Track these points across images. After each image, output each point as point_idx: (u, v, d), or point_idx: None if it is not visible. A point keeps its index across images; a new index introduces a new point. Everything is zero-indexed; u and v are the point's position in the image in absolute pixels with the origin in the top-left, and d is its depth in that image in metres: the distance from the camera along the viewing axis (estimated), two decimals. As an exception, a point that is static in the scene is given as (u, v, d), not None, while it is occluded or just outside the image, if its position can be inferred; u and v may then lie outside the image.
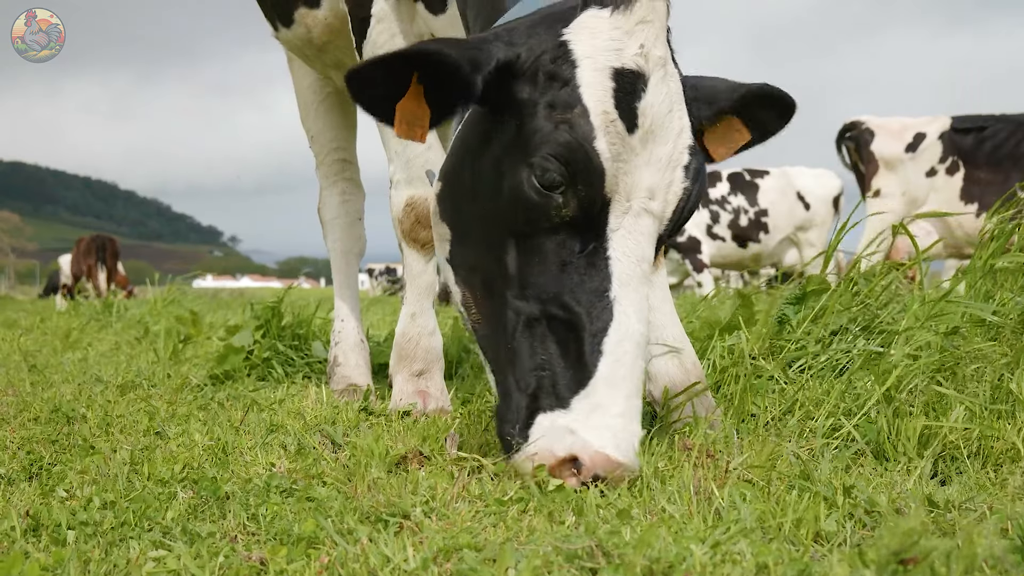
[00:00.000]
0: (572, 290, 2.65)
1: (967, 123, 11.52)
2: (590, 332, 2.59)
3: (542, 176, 2.61)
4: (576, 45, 2.65)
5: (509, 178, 2.70)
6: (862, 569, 1.78)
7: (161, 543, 2.15)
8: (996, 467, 2.85)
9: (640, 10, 2.63)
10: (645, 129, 2.64)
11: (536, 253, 2.71)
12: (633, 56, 2.63)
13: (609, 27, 2.64)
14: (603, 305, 2.61)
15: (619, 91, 2.62)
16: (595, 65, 2.62)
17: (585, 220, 2.65)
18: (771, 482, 2.54)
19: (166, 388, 4.62)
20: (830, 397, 3.29)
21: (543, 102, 2.65)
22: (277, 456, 2.99)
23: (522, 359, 2.69)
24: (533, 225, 2.69)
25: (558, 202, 2.62)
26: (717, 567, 1.87)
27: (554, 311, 2.66)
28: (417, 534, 2.16)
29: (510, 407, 2.69)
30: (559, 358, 2.63)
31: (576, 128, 2.59)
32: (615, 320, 2.59)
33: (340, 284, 5.10)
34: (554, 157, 2.59)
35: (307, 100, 5.31)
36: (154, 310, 9.81)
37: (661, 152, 2.68)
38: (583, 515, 2.28)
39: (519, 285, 2.73)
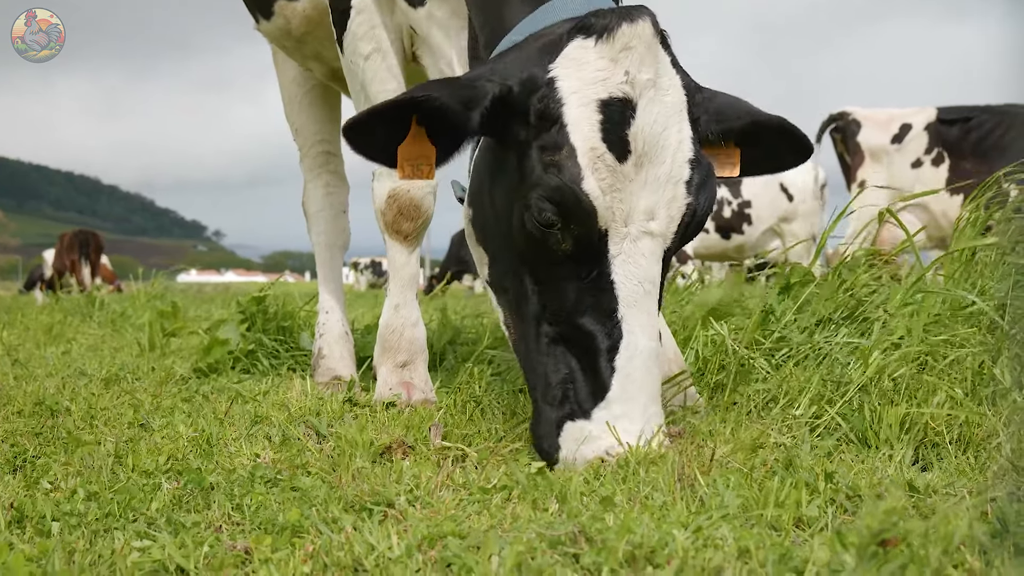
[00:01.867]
0: (583, 312, 2.76)
1: (952, 114, 11.53)
2: (603, 351, 2.72)
3: (538, 216, 2.71)
4: (563, 81, 2.71)
5: (515, 212, 2.81)
6: (842, 552, 1.80)
7: (146, 533, 2.15)
8: (977, 453, 2.87)
9: (623, 37, 2.68)
10: (638, 154, 2.69)
11: (549, 279, 2.82)
12: (619, 84, 2.68)
13: (595, 57, 2.69)
14: (612, 325, 2.72)
15: (606, 122, 2.67)
16: (581, 100, 2.68)
17: (585, 251, 2.74)
18: (754, 469, 2.55)
19: (150, 381, 4.62)
20: (813, 385, 3.30)
21: (535, 142, 2.73)
22: (262, 447, 3.00)
23: (548, 375, 2.82)
24: (542, 257, 2.80)
25: (556, 238, 2.73)
26: (699, 552, 1.88)
27: (570, 332, 2.79)
28: (401, 522, 2.17)
29: (541, 419, 2.84)
30: (579, 374, 2.77)
31: (564, 171, 2.66)
32: (624, 339, 2.71)
33: (324, 277, 5.10)
34: (547, 199, 2.69)
35: (291, 93, 5.30)
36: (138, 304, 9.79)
37: (658, 172, 2.73)
38: (566, 502, 2.30)
39: (540, 307, 2.86)
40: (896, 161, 11.59)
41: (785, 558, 1.84)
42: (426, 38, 3.74)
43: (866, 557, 1.73)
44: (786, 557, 1.84)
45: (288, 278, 51.60)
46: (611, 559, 1.84)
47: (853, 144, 11.97)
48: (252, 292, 5.53)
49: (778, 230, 16.96)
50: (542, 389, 2.84)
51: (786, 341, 3.78)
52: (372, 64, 3.83)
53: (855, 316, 3.89)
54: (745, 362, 3.64)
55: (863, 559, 1.73)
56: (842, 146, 12.17)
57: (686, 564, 1.82)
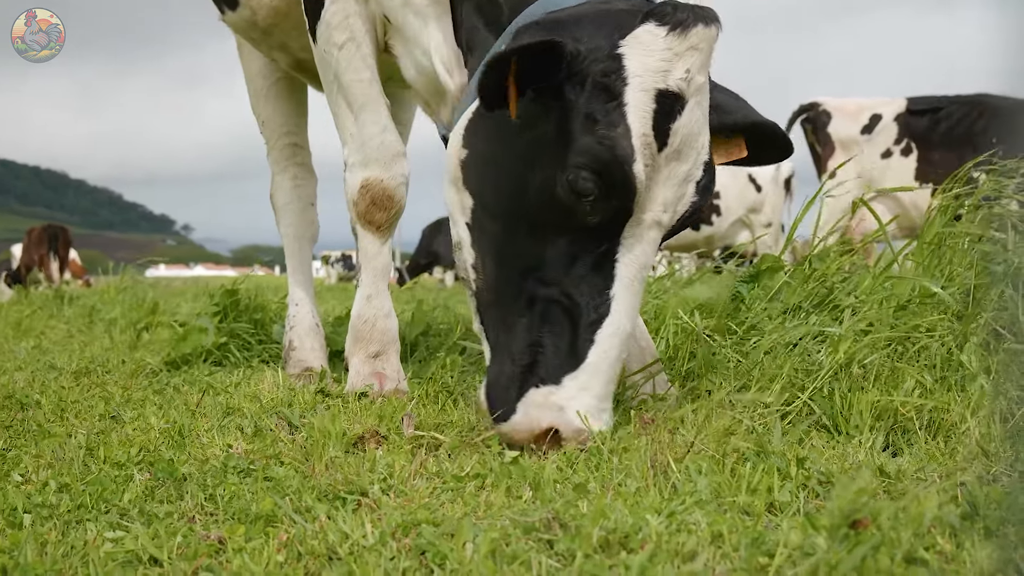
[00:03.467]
0: (578, 283, 2.84)
1: (922, 104, 11.58)
2: (586, 322, 2.81)
3: (576, 183, 2.74)
4: (629, 61, 2.73)
5: (541, 172, 2.83)
6: (814, 535, 1.81)
7: (118, 524, 2.15)
8: (947, 438, 2.89)
9: (694, 36, 2.74)
10: (673, 148, 2.79)
11: (553, 243, 2.86)
12: (678, 80, 2.74)
13: (662, 47, 2.73)
14: (602, 301, 2.81)
15: (658, 112, 2.74)
16: (643, 85, 2.72)
17: (605, 227, 2.82)
18: (726, 455, 2.56)
19: (121, 374, 4.60)
20: (784, 372, 3.32)
21: (588, 110, 2.75)
22: (234, 438, 2.99)
23: (522, 333, 2.88)
24: (556, 220, 2.84)
25: (586, 209, 2.77)
26: (673, 536, 1.90)
27: (558, 297, 2.85)
28: (375, 511, 2.18)
29: (503, 374, 2.89)
30: (557, 339, 2.83)
31: (618, 148, 2.70)
32: (610, 316, 2.80)
33: (294, 269, 5.08)
34: (592, 170, 2.72)
35: (257, 86, 5.26)
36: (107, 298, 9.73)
37: (680, 169, 2.84)
38: (540, 489, 2.31)
39: (532, 267, 2.89)
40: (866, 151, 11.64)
41: (757, 542, 1.85)
42: (401, 27, 3.71)
43: (837, 539, 1.75)
44: (758, 541, 1.86)
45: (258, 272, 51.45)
46: (585, 544, 1.84)
47: (823, 135, 12.01)
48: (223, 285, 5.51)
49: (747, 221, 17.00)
50: (513, 344, 2.89)
51: (757, 329, 3.80)
52: (346, 53, 3.81)
53: (825, 304, 3.91)
54: (716, 350, 3.65)
55: (834, 541, 1.75)
56: (812, 137, 12.20)
57: (660, 548, 1.83)
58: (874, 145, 11.62)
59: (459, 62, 3.57)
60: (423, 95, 3.85)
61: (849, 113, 11.95)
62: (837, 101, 12.18)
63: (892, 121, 11.61)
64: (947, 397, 3.10)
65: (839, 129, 11.91)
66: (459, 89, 3.57)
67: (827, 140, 11.98)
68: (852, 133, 11.78)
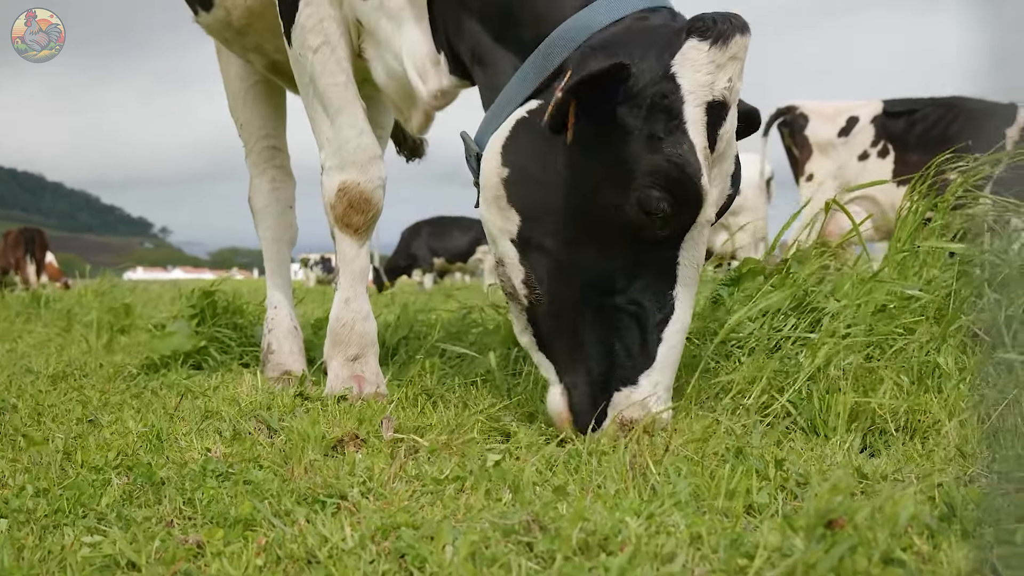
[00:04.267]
0: (644, 290, 2.96)
1: (898, 106, 11.64)
2: (654, 323, 2.95)
3: (648, 203, 2.84)
4: (683, 80, 2.83)
5: (603, 191, 2.91)
6: (792, 536, 1.82)
7: (96, 529, 2.14)
8: (924, 439, 2.90)
9: (734, 47, 2.84)
10: (719, 152, 2.91)
11: (618, 256, 2.96)
12: (723, 89, 2.85)
13: (707, 60, 2.82)
14: (666, 301, 2.96)
15: (710, 122, 2.85)
16: (696, 100, 2.82)
17: (673, 237, 2.95)
18: (705, 457, 2.57)
19: (98, 377, 4.58)
20: (763, 375, 3.33)
21: (651, 130, 2.83)
22: (213, 441, 2.98)
23: (595, 342, 2.99)
24: (622, 235, 2.93)
25: (656, 224, 2.88)
26: (652, 538, 1.90)
27: (626, 305, 2.96)
28: (355, 514, 2.18)
29: (582, 383, 3.01)
30: (630, 343, 2.96)
31: (688, 166, 2.80)
32: (675, 314, 2.96)
33: (272, 272, 5.06)
34: (663, 188, 2.82)
35: (235, 88, 5.24)
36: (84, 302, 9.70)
37: (724, 168, 2.98)
38: (519, 492, 2.31)
39: (597, 279, 2.99)
40: (843, 154, 11.70)
41: (736, 543, 1.86)
42: (373, 31, 3.71)
43: (814, 539, 1.75)
44: (737, 542, 1.86)
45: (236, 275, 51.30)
46: (565, 546, 1.85)
47: (801, 138, 12.06)
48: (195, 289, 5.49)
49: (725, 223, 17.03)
50: (584, 355, 3.00)
51: (736, 331, 3.81)
52: (321, 57, 3.80)
53: (804, 306, 3.92)
54: (696, 352, 3.66)
55: (812, 541, 1.75)
56: (790, 140, 12.25)
57: (639, 550, 1.84)
58: (851, 147, 11.68)
59: (435, 66, 3.57)
60: (394, 99, 3.86)
61: (826, 116, 12.01)
62: (814, 104, 12.24)
63: (869, 123, 11.67)
64: (924, 399, 3.11)
65: (816, 132, 11.96)
66: (432, 95, 3.58)
67: (804, 143, 12.03)
68: (829, 136, 11.84)
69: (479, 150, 3.29)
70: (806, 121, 12.05)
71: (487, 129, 3.25)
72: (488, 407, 3.36)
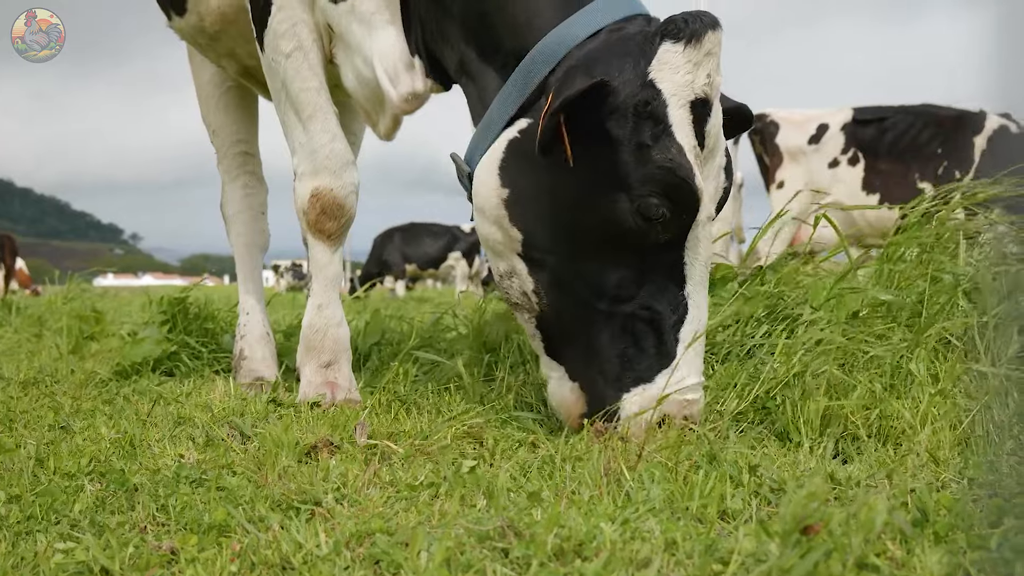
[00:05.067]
0: (655, 294, 3.03)
1: (868, 114, 11.69)
2: (669, 324, 3.02)
3: (647, 210, 2.90)
4: (662, 84, 2.89)
5: (603, 202, 2.96)
6: (767, 542, 1.83)
7: (69, 535, 2.13)
8: (896, 445, 2.92)
9: (708, 43, 2.92)
10: (709, 148, 2.98)
11: (623, 263, 3.03)
12: (703, 86, 2.92)
13: (683, 61, 2.90)
14: (679, 302, 3.03)
15: (695, 121, 2.92)
16: (679, 102, 2.89)
17: (677, 238, 3.00)
18: (679, 463, 2.58)
19: (70, 384, 4.56)
20: (736, 381, 3.34)
21: (639, 139, 2.89)
22: (186, 448, 2.97)
23: (610, 349, 3.05)
24: (626, 243, 2.99)
25: (657, 229, 2.94)
26: (627, 544, 1.90)
27: (638, 311, 3.03)
28: (329, 520, 2.17)
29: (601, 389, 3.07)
30: (645, 345, 3.03)
31: (680, 169, 2.87)
32: (689, 314, 3.03)
33: (244, 278, 5.04)
34: (659, 194, 2.89)
35: (208, 93, 5.23)
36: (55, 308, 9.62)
37: (716, 163, 3.05)
38: (494, 498, 2.31)
39: (605, 288, 3.05)
40: (813, 161, 11.74)
41: (711, 549, 1.87)
42: (344, 35, 3.70)
43: (789, 544, 1.76)
44: (712, 548, 1.87)
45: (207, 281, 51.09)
46: (540, 552, 1.85)
47: (772, 145, 12.09)
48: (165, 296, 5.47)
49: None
50: (600, 364, 3.06)
51: (709, 337, 3.82)
52: (294, 62, 3.79)
53: (778, 313, 3.94)
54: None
55: (786, 547, 1.76)
56: (760, 147, 12.29)
57: (614, 556, 1.84)
58: (821, 155, 11.73)
59: (408, 69, 3.58)
60: (362, 103, 3.86)
61: (796, 123, 12.05)
62: (784, 112, 12.28)
63: (839, 131, 11.72)
64: (896, 405, 3.13)
65: (787, 139, 12.00)
66: (403, 98, 3.59)
67: (775, 150, 12.07)
68: (800, 143, 11.88)
69: (470, 169, 3.32)
70: (776, 129, 12.09)
71: (477, 148, 3.29)
72: (462, 413, 3.36)
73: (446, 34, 3.46)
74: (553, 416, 3.30)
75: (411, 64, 3.59)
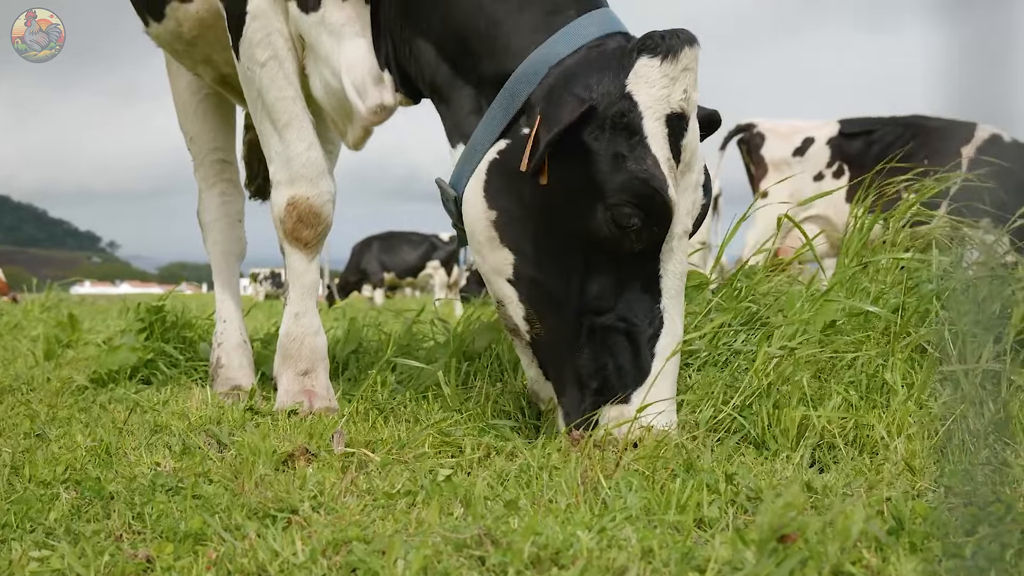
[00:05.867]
0: (631, 306, 3.05)
1: (855, 127, 11.63)
2: (645, 338, 3.03)
3: (620, 219, 2.94)
4: (638, 96, 2.93)
5: (581, 215, 3.01)
6: (743, 550, 1.83)
7: (44, 543, 2.13)
8: (872, 454, 2.93)
9: (684, 59, 2.96)
10: (685, 162, 3.03)
11: (602, 276, 3.06)
12: (679, 101, 2.96)
13: (660, 75, 2.94)
14: (655, 315, 3.05)
15: (671, 134, 2.96)
16: (655, 115, 2.93)
17: (651, 249, 3.03)
18: (656, 472, 2.58)
19: (46, 391, 4.53)
20: (713, 390, 3.34)
21: (615, 150, 2.93)
22: (162, 456, 2.96)
23: (589, 364, 3.07)
24: (602, 255, 3.03)
25: (631, 239, 2.97)
26: (604, 552, 1.91)
27: (615, 323, 3.05)
28: (306, 528, 2.17)
29: (580, 403, 3.09)
30: (620, 361, 3.05)
31: (654, 179, 2.90)
32: (664, 327, 3.04)
33: (221, 286, 5.03)
34: (634, 204, 2.92)
35: (185, 101, 5.21)
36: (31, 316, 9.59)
37: (692, 178, 3.09)
38: (471, 506, 2.31)
39: (586, 303, 3.07)
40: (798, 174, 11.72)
41: (687, 557, 1.87)
42: (313, 45, 3.71)
43: (766, 553, 1.77)
44: (688, 556, 1.88)
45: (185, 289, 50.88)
46: (517, 560, 1.85)
47: (757, 156, 12.05)
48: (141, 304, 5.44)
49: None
50: (579, 377, 3.08)
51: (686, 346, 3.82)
52: (269, 71, 3.79)
53: (754, 321, 3.95)
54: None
55: (763, 555, 1.77)
56: (747, 157, 12.26)
57: (591, 564, 1.84)
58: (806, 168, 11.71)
59: (377, 82, 3.59)
60: (330, 113, 3.88)
61: (782, 135, 12.03)
62: (771, 123, 12.25)
63: (824, 144, 11.69)
64: (872, 414, 3.14)
65: (772, 151, 11.98)
66: (371, 110, 3.59)
67: (760, 161, 12.05)
68: (785, 155, 11.86)
69: (456, 194, 3.33)
70: (762, 140, 12.06)
71: (462, 173, 3.30)
72: (439, 421, 3.35)
73: (418, 53, 3.47)
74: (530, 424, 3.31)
75: (380, 77, 3.60)
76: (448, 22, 3.35)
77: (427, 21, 3.42)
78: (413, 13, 3.46)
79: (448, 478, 2.56)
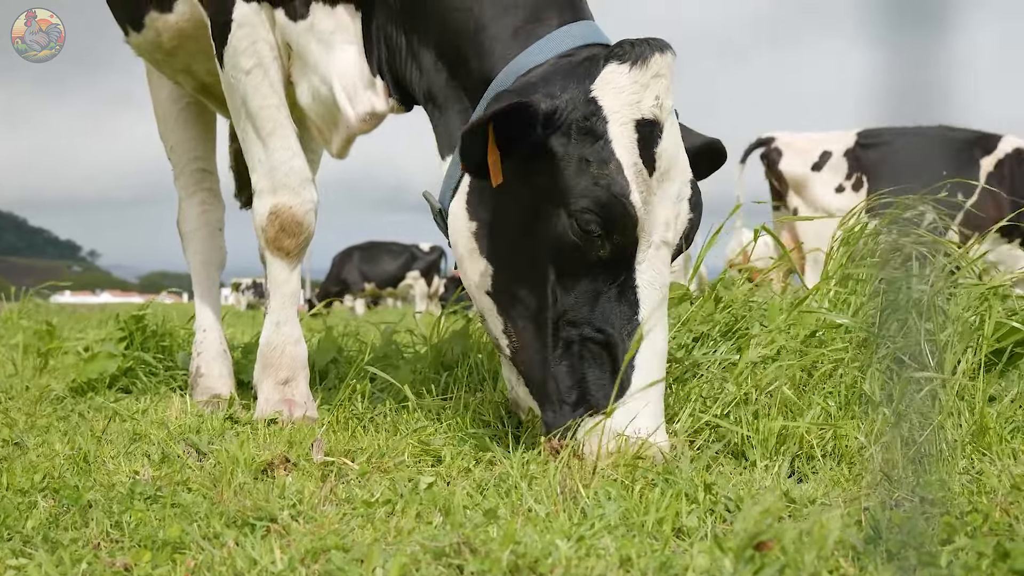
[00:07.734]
0: (606, 317, 3.00)
1: (872, 138, 11.59)
2: (623, 350, 2.97)
3: (583, 225, 2.92)
4: (604, 101, 2.94)
5: (548, 222, 3.01)
6: (721, 558, 1.84)
7: (22, 552, 2.12)
8: (850, 464, 2.94)
9: (655, 65, 2.96)
10: (661, 171, 2.98)
11: (574, 285, 3.02)
12: (651, 107, 2.95)
13: (629, 81, 2.95)
14: (633, 327, 2.98)
15: (641, 140, 2.94)
16: (621, 120, 2.93)
17: (619, 258, 2.98)
18: (635, 481, 2.59)
19: (24, 400, 4.51)
20: (692, 400, 3.35)
21: (578, 155, 2.93)
22: (141, 464, 2.95)
23: (566, 376, 3.04)
24: (571, 263, 3.00)
25: (596, 245, 2.94)
26: (582, 560, 1.91)
27: (592, 334, 3.01)
28: (284, 537, 2.17)
29: (557, 415, 3.05)
30: (600, 373, 3.01)
31: (615, 184, 2.89)
32: (645, 339, 2.96)
33: (201, 295, 5.01)
34: (594, 210, 2.90)
35: (165, 110, 5.19)
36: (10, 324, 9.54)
37: (672, 189, 3.04)
38: (450, 515, 2.31)
39: (560, 313, 3.04)
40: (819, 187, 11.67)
41: (666, 565, 1.88)
42: (302, 53, 3.71)
43: (743, 560, 1.77)
44: (667, 564, 1.88)
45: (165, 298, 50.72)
46: (495, 569, 1.85)
47: (777, 172, 11.97)
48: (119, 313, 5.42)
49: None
50: (558, 390, 3.04)
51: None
52: (253, 79, 3.79)
53: (733, 332, 3.96)
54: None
55: (740, 563, 1.77)
56: (769, 173, 12.14)
57: (569, 572, 1.85)
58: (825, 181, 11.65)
59: (368, 88, 3.59)
60: (315, 121, 3.88)
61: (799, 150, 11.93)
62: (789, 137, 12.11)
63: (842, 157, 11.65)
64: (850, 424, 3.15)
65: (790, 167, 11.87)
66: (360, 117, 3.60)
67: (780, 177, 11.97)
68: (803, 170, 11.77)
69: (442, 206, 3.36)
70: (779, 156, 11.96)
71: (448, 186, 3.33)
72: (419, 430, 3.35)
73: (418, 58, 3.49)
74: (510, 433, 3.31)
75: (371, 83, 3.60)
76: (446, 25, 3.36)
77: (425, 26, 3.43)
78: (412, 18, 3.47)
79: (427, 487, 2.57)
